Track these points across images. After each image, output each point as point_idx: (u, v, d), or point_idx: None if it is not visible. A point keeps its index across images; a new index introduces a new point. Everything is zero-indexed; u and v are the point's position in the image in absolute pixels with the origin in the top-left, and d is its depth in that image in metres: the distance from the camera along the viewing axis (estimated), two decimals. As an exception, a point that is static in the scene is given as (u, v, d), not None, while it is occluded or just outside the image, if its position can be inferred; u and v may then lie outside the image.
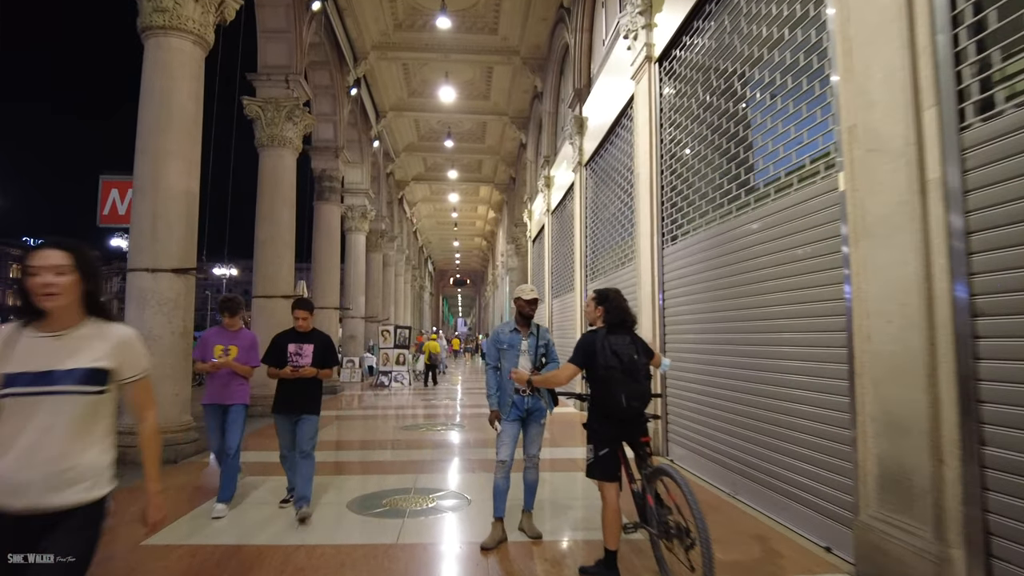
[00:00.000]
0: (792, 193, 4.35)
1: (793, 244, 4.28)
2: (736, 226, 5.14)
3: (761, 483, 4.65)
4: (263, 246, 10.73)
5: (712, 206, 5.75)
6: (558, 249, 14.57)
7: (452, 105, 19.28)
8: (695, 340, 6.03)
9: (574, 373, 3.37)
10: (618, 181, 9.15)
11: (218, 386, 4.79)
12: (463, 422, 9.68)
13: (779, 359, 4.45)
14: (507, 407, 4.06)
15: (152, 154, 6.70)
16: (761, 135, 4.87)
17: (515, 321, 4.21)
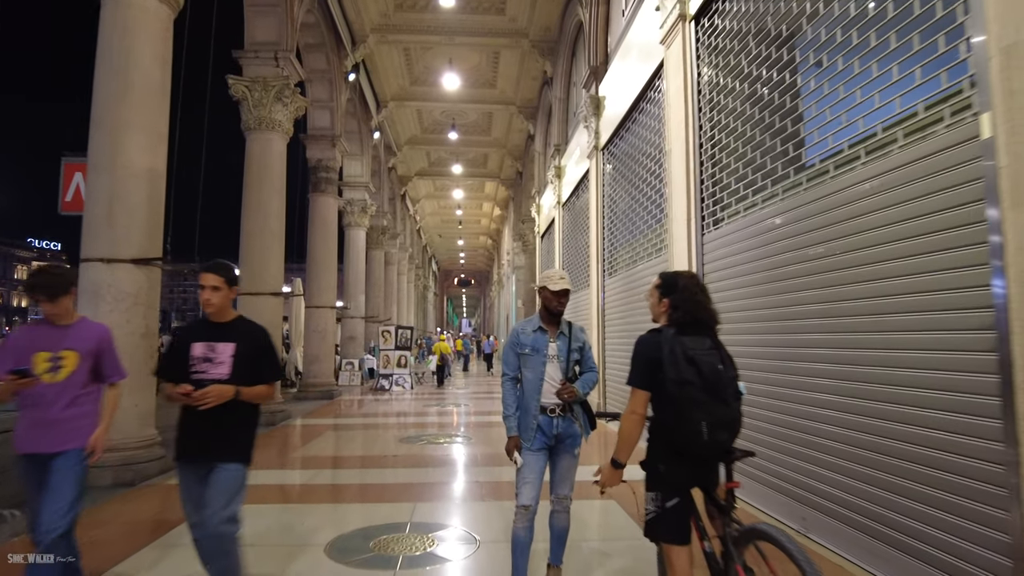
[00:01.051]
0: (896, 153, 3.37)
1: (901, 218, 3.30)
2: (809, 201, 4.16)
3: (846, 520, 3.67)
4: (250, 238, 9.79)
5: (772, 179, 4.78)
6: (570, 244, 13.60)
7: (456, 94, 18.34)
8: (749, 343, 5.05)
9: (646, 402, 2.39)
10: (643, 163, 8.18)
11: (36, 423, 2.82)
12: (469, 433, 8.72)
13: (879, 367, 3.47)
14: (531, 432, 3.10)
15: (109, 126, 5.77)
16: (844, 84, 3.89)
17: (540, 318, 3.26)
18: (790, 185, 4.48)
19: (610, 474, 2.42)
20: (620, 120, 9.23)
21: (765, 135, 4.88)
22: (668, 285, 2.48)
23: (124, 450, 5.47)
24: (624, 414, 2.38)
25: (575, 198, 13.02)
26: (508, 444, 3.15)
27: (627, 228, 8.82)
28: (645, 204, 8.01)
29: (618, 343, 9.29)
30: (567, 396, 3.07)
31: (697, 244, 6.04)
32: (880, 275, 3.46)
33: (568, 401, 3.09)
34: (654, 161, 7.69)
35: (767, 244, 4.71)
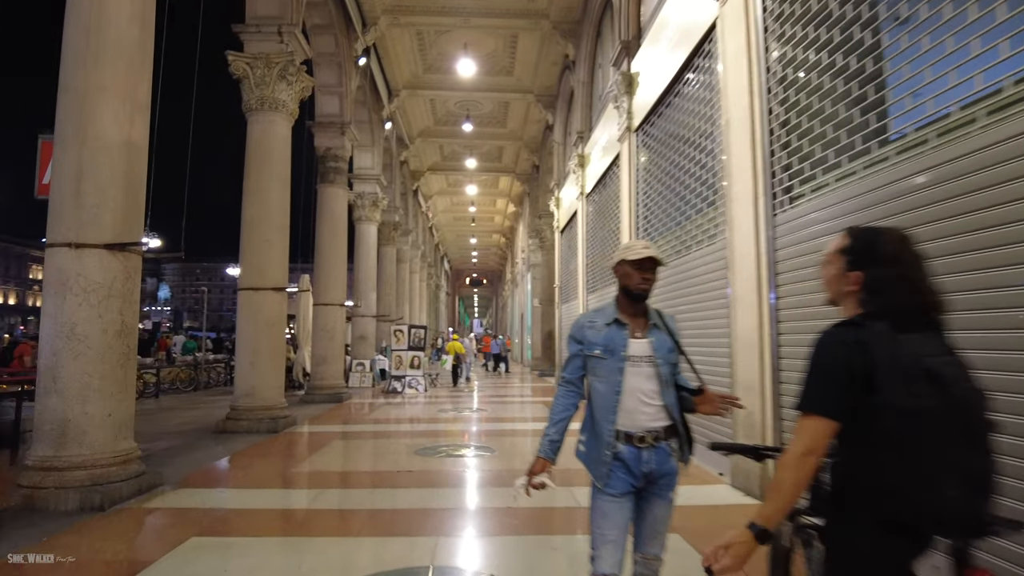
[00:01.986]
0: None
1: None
2: (943, 162, 3.23)
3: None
4: (250, 228, 8.97)
5: (878, 140, 3.86)
6: (595, 236, 12.69)
7: (471, 82, 17.49)
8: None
9: (829, 438, 1.45)
10: (689, 139, 7.25)
11: None
12: (491, 443, 7.84)
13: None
14: (603, 469, 2.23)
15: (77, 91, 4.94)
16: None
17: (616, 306, 2.37)
18: (910, 144, 3.55)
19: (746, 547, 1.43)
20: (658, 96, 8.31)
21: (868, 87, 3.95)
22: (865, 250, 1.55)
23: (93, 467, 4.64)
24: (789, 455, 1.46)
25: (602, 187, 12.10)
26: (534, 465, 2.29)
27: (668, 215, 7.90)
28: (692, 186, 7.09)
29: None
30: (718, 412, 2.32)
31: (767, 226, 5.12)
32: None
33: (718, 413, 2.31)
34: (704, 136, 6.77)
35: (877, 221, 3.78)
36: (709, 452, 3.13)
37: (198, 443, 7.73)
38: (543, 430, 2.35)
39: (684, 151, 7.41)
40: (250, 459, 6.77)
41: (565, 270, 16.80)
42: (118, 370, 4.87)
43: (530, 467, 2.30)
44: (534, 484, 2.28)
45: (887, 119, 3.77)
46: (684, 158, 7.40)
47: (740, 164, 5.53)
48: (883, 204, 3.69)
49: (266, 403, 8.76)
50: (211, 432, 8.53)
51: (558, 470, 2.31)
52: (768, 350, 5.05)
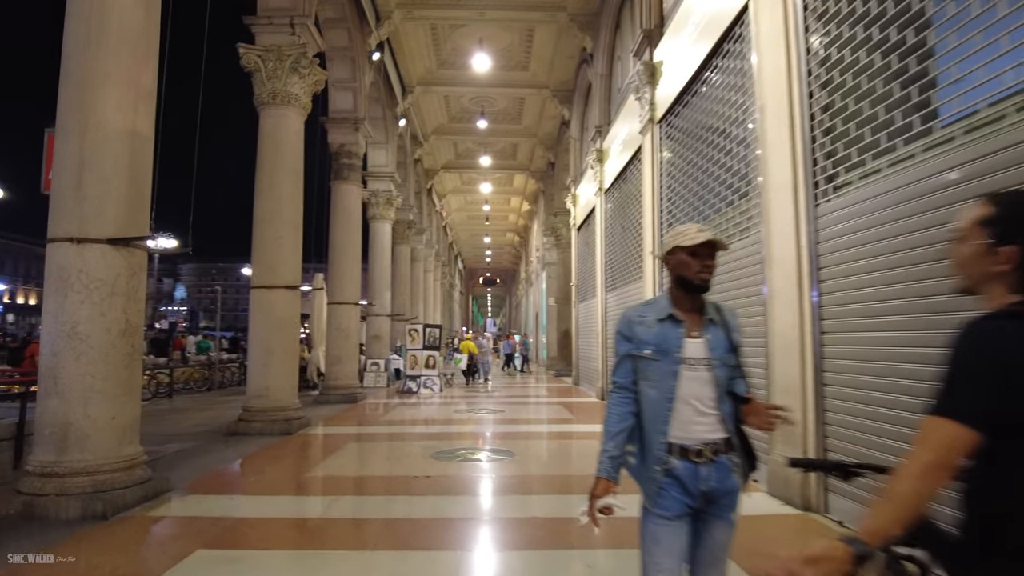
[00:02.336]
0: None
1: None
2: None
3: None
4: (262, 225, 8.75)
5: (941, 120, 3.51)
6: (615, 233, 12.35)
7: (486, 77, 17.20)
8: (895, 361, 3.78)
9: (966, 448, 1.12)
10: (718, 128, 6.91)
11: None
12: (509, 447, 7.55)
13: None
14: (654, 486, 1.94)
15: (78, 79, 4.72)
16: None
17: (669, 298, 2.06)
18: (983, 122, 3.21)
19: (839, 566, 1.07)
20: (683, 85, 7.96)
21: (929, 61, 3.61)
22: (1019, 218, 1.23)
23: (96, 473, 4.41)
24: (914, 464, 1.13)
25: (621, 182, 11.76)
26: (595, 487, 1.97)
27: (695, 208, 7.55)
28: (722, 177, 6.74)
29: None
30: (766, 426, 1.93)
31: (808, 217, 4.78)
32: None
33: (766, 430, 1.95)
34: (735, 124, 6.42)
35: (940, 210, 3.43)
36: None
37: (209, 446, 7.52)
38: (602, 448, 2.04)
39: (713, 141, 7.07)
40: (262, 463, 6.53)
41: (582, 268, 16.47)
42: (122, 371, 4.64)
43: (591, 489, 1.99)
44: (600, 509, 1.96)
45: (953, 96, 3.43)
46: (713, 148, 7.06)
47: (777, 152, 5.20)
48: (947, 190, 3.35)
49: (279, 404, 8.54)
50: (223, 434, 8.33)
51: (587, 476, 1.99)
52: (810, 350, 4.71)
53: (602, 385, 12.81)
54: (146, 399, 12.99)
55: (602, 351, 12.88)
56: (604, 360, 12.78)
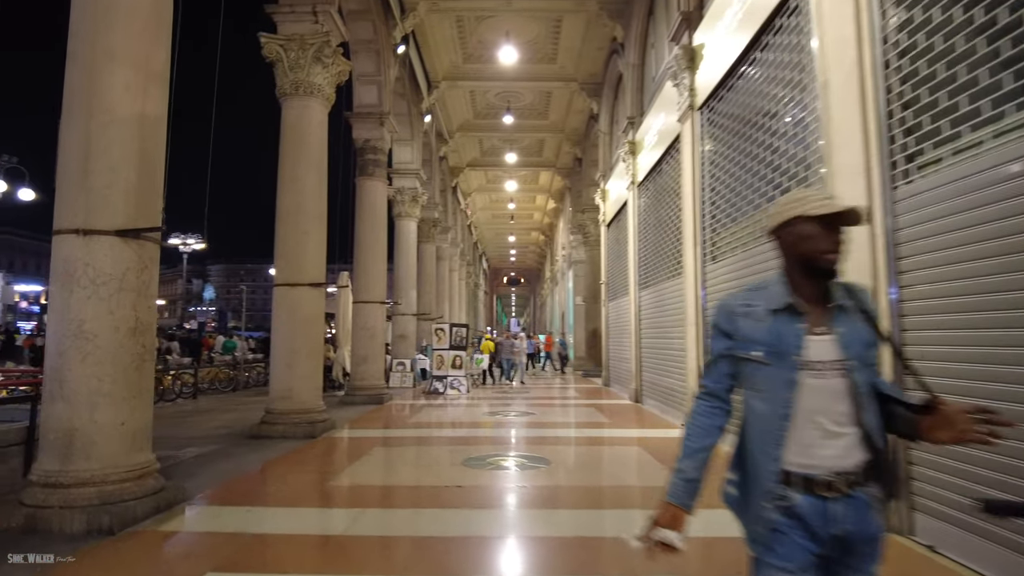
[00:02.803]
0: None
1: None
2: None
3: None
4: (284, 220, 8.44)
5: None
6: (649, 229, 11.82)
7: (513, 71, 16.79)
8: (991, 363, 3.25)
9: None
10: (769, 111, 6.37)
11: None
12: (544, 453, 7.10)
13: None
14: (764, 526, 1.49)
15: (85, 59, 4.40)
16: None
17: (783, 284, 1.59)
18: None
19: None
20: (728, 67, 7.43)
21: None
22: None
23: (103, 484, 4.07)
24: None
25: (656, 174, 11.24)
26: (659, 515, 1.54)
27: (744, 198, 7.02)
28: (775, 163, 6.21)
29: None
30: (971, 439, 1.40)
31: (884, 202, 4.25)
32: None
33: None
34: (789, 105, 5.89)
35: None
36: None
37: (231, 450, 7.22)
38: (677, 464, 1.60)
39: (763, 125, 6.54)
40: (284, 469, 6.19)
41: (613, 266, 15.95)
42: (131, 373, 4.30)
43: (655, 515, 1.54)
44: (660, 541, 1.52)
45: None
46: (764, 132, 6.53)
47: (844, 132, 4.67)
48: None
49: (304, 406, 8.21)
50: (246, 437, 8.03)
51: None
52: (888, 356, 4.18)
53: (636, 387, 12.29)
54: (170, 400, 12.87)
55: (635, 351, 12.36)
56: (638, 361, 12.26)
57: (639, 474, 6.01)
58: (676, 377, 9.69)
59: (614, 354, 15.70)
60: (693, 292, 8.48)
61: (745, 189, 6.99)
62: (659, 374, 10.84)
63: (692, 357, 8.45)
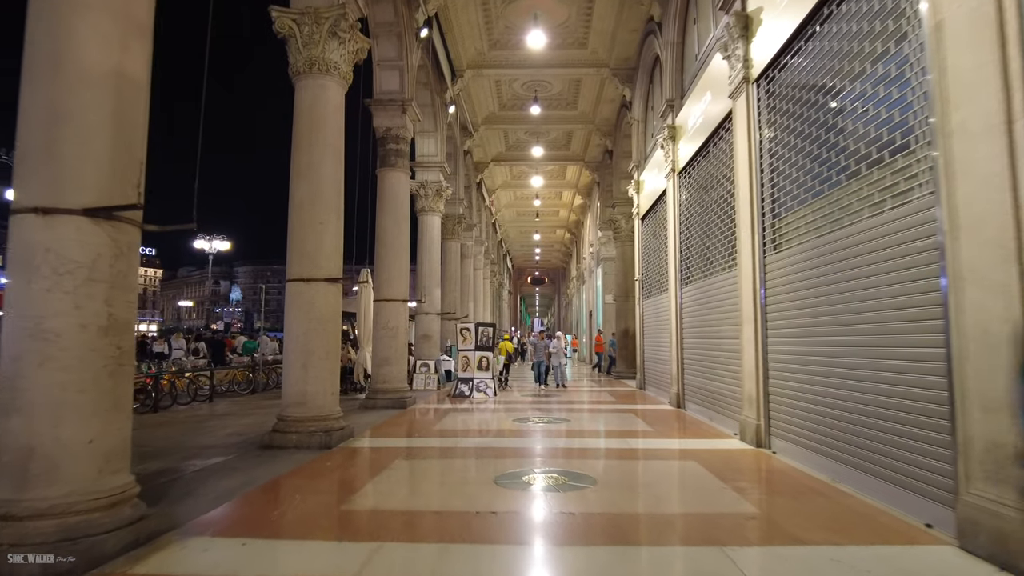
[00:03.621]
0: None
1: None
2: None
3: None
4: (299, 210, 7.74)
5: None
6: (693, 219, 10.90)
7: (541, 57, 15.98)
8: None
9: None
10: (852, 71, 5.43)
11: None
12: (588, 469, 6.27)
13: None
14: None
15: (50, 6, 3.71)
16: None
17: None
18: None
19: None
20: (792, 31, 6.52)
21: None
22: None
23: (66, 514, 3.36)
24: None
25: (702, 158, 10.32)
26: None
27: (816, 176, 6.10)
28: (861, 130, 5.29)
29: (802, 358, 6.58)
30: None
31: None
32: None
33: None
34: (884, 59, 4.97)
35: None
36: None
37: (238, 462, 6.52)
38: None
39: (840, 89, 5.63)
40: (293, 487, 5.46)
41: (649, 261, 15.02)
42: (103, 380, 3.58)
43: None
44: None
45: None
46: (840, 98, 5.62)
47: (969, 79, 3.77)
48: None
49: (319, 413, 7.50)
50: (257, 447, 7.35)
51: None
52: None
53: (677, 391, 11.37)
54: (184, 403, 12.31)
55: (676, 352, 11.44)
56: (679, 362, 11.35)
57: (703, 497, 5.14)
58: (726, 381, 8.78)
59: (650, 355, 14.78)
60: (750, 286, 7.57)
61: (817, 165, 6.07)
62: (705, 377, 9.92)
63: (749, 358, 7.55)
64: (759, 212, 7.48)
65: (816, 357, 6.06)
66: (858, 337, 5.30)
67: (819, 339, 5.99)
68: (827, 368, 5.82)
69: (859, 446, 5.25)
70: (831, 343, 5.77)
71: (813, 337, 6.12)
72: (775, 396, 7.09)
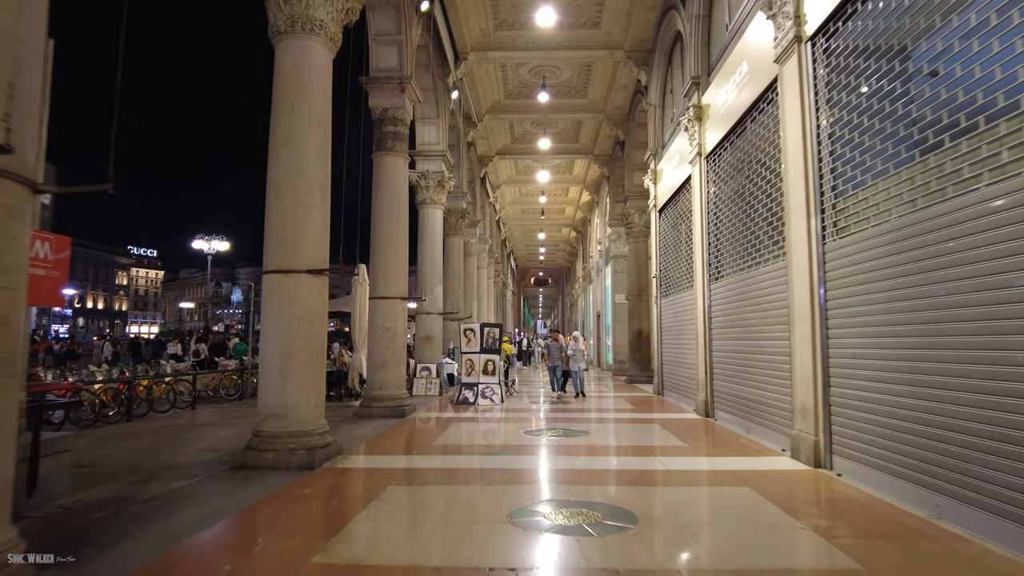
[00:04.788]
0: None
1: None
2: None
3: None
4: (278, 190, 6.66)
5: None
6: (724, 206, 9.79)
7: (550, 39, 14.91)
8: None
9: None
10: (957, 2, 4.36)
11: None
12: (624, 500, 5.17)
13: None
14: None
15: None
16: None
17: None
18: None
19: None
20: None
21: None
22: None
23: None
24: None
25: (736, 137, 9.20)
26: None
27: (898, 138, 4.99)
28: (979, 74, 4.19)
29: (880, 362, 5.47)
30: None
31: None
32: None
33: None
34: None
35: None
36: None
37: (201, 488, 5.44)
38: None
39: (950, 24, 4.52)
40: (258, 527, 4.37)
41: (668, 257, 13.91)
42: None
43: None
44: None
45: None
46: (945, 34, 4.51)
47: None
48: None
49: (301, 427, 6.42)
50: (228, 467, 6.27)
51: None
52: None
53: (705, 398, 10.26)
54: (162, 411, 11.23)
55: (704, 355, 10.33)
56: (707, 366, 10.23)
57: (778, 541, 4.03)
58: (771, 388, 7.67)
59: (670, 358, 13.66)
60: (805, 279, 6.46)
61: (903, 127, 4.96)
62: (741, 383, 8.81)
63: (803, 362, 6.44)
64: (815, 192, 6.38)
65: (902, 363, 4.95)
66: (965, 338, 4.21)
67: (907, 339, 4.88)
68: (919, 376, 4.72)
69: (969, 474, 4.15)
70: (925, 345, 4.66)
71: (898, 338, 5.01)
72: (839, 408, 5.98)
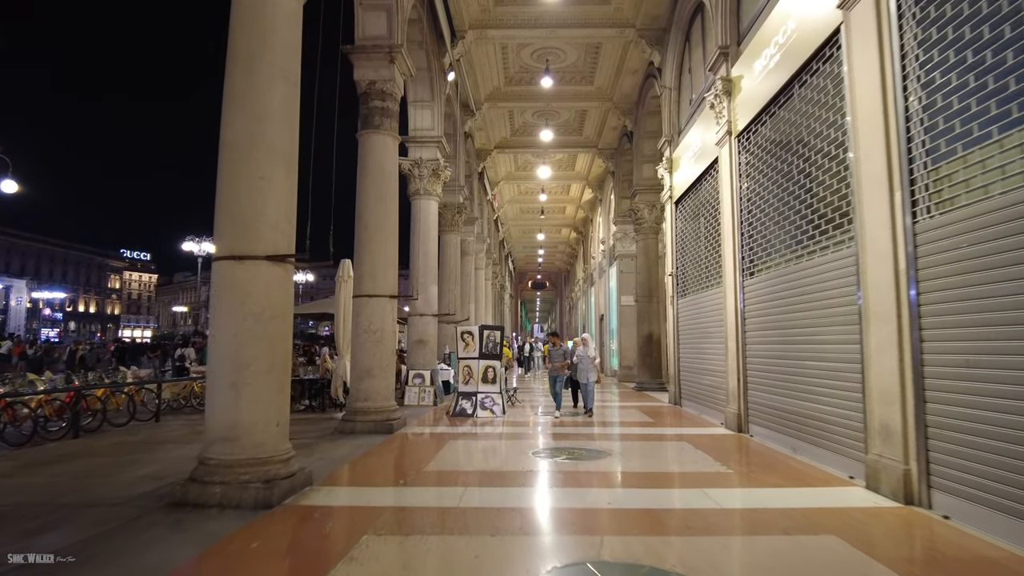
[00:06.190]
0: None
1: None
2: None
3: None
4: (232, 155, 5.33)
5: None
6: (761, 189, 8.51)
7: (555, 15, 13.68)
8: None
9: None
10: None
11: None
12: (672, 553, 3.88)
13: None
14: None
15: None
16: None
17: None
18: None
19: None
20: None
21: None
22: None
23: None
24: None
25: (777, 109, 7.91)
26: None
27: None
28: None
29: (1005, 372, 4.18)
30: None
31: None
32: None
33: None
34: None
35: None
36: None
37: (115, 538, 4.12)
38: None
39: None
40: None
41: (687, 252, 12.61)
42: None
43: None
44: None
45: None
46: None
47: None
48: None
49: (257, 453, 5.10)
50: (166, 503, 4.95)
51: None
52: None
53: (737, 410, 8.95)
54: (119, 424, 9.87)
55: (736, 362, 9.02)
56: (740, 374, 8.92)
57: None
58: (828, 402, 6.38)
59: (689, 364, 12.35)
60: (888, 268, 5.19)
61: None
62: (785, 395, 7.52)
63: (885, 371, 5.17)
64: (902, 158, 5.10)
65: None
66: None
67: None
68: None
69: None
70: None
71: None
72: (939, 429, 4.69)
